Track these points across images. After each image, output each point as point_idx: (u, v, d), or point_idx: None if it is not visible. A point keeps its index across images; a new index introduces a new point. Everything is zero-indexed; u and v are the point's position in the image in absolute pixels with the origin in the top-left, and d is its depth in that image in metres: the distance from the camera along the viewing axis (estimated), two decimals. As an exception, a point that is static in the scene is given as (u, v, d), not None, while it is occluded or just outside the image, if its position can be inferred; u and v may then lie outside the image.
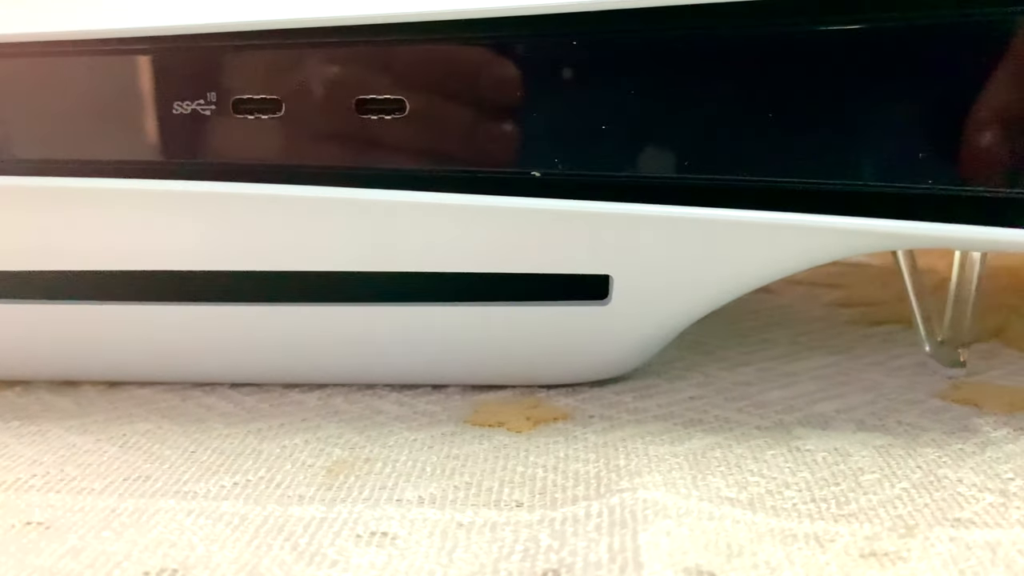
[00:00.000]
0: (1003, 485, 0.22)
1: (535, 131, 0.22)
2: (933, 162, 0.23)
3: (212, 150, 0.23)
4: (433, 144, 0.23)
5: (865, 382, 0.28)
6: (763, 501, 0.21)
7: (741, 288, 0.26)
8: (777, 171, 0.23)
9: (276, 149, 0.23)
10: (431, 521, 0.20)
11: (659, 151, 0.23)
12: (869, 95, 0.22)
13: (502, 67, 0.22)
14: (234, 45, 0.22)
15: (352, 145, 0.23)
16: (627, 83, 0.22)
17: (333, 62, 0.22)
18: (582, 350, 0.26)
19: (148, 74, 0.23)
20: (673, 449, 0.23)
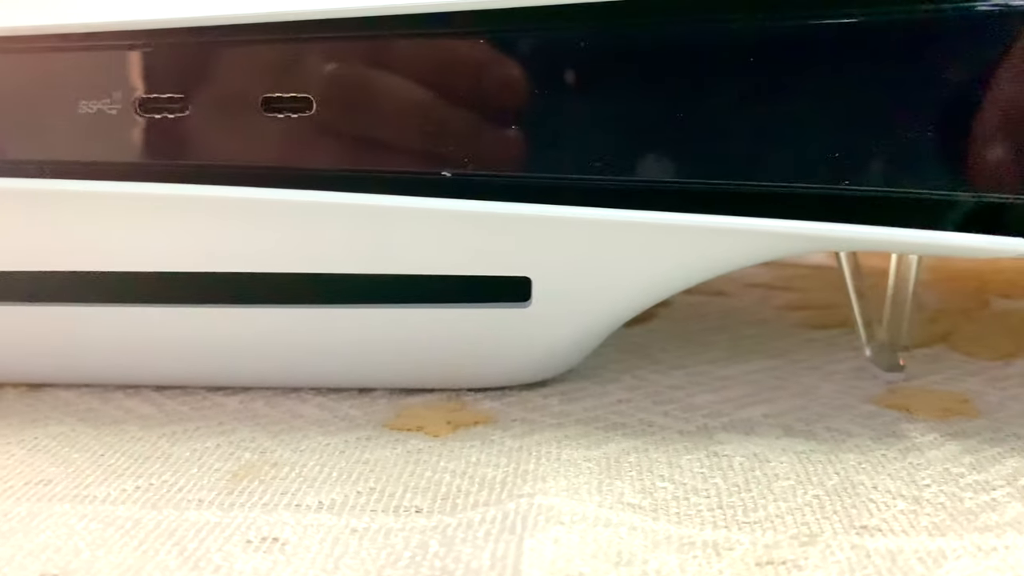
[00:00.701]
0: (918, 492, 0.21)
1: (443, 131, 0.22)
2: (859, 163, 0.22)
3: (118, 150, 0.23)
4: (341, 143, 0.23)
5: (799, 387, 0.28)
6: (668, 507, 0.20)
7: (666, 290, 0.25)
8: (698, 173, 0.23)
9: (183, 148, 0.23)
10: (325, 527, 0.20)
11: (573, 152, 0.22)
12: (791, 95, 0.22)
13: (407, 65, 0.22)
14: (139, 44, 0.22)
15: (259, 144, 0.22)
16: (535, 82, 0.22)
17: (239, 60, 0.22)
18: (507, 353, 0.26)
19: (56, 73, 0.23)
20: (588, 453, 0.23)
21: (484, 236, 0.23)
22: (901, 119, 0.22)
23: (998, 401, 0.27)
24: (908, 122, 0.22)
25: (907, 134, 0.22)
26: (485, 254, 0.23)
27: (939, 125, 0.22)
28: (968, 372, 0.29)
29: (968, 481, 0.22)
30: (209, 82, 0.22)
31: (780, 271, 0.40)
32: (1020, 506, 0.21)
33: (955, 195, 0.22)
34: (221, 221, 0.23)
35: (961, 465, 0.23)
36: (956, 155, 0.22)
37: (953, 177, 0.22)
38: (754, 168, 0.22)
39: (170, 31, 0.22)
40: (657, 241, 0.23)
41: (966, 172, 0.22)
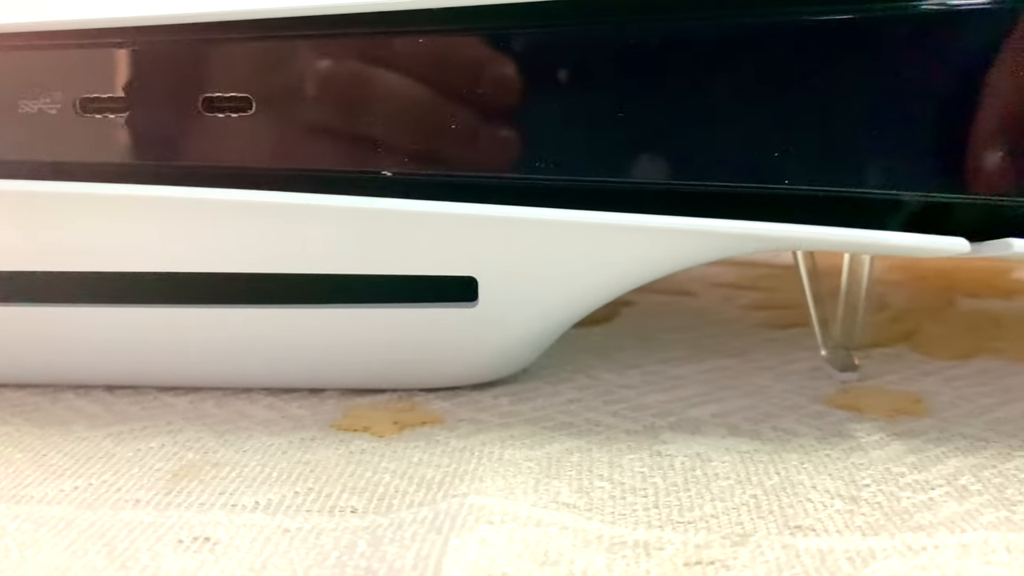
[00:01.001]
0: (856, 492, 0.21)
1: (381, 130, 0.22)
2: (802, 163, 0.22)
3: (61, 150, 0.23)
4: (282, 143, 0.23)
5: (751, 386, 0.28)
6: (603, 507, 0.20)
7: (614, 290, 0.25)
8: (641, 172, 0.23)
9: (125, 148, 0.23)
10: (257, 527, 0.20)
11: (514, 151, 0.22)
12: (733, 94, 0.22)
13: (344, 64, 0.22)
14: (79, 44, 0.22)
15: (201, 144, 0.23)
16: (474, 80, 0.22)
17: (179, 60, 0.22)
18: (456, 353, 0.26)
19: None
20: (530, 453, 0.23)
21: (427, 236, 0.23)
22: (842, 119, 0.22)
23: (950, 401, 0.27)
24: (849, 122, 0.22)
25: (848, 134, 0.22)
26: (429, 254, 0.23)
27: (880, 125, 0.22)
28: (924, 372, 0.29)
29: (908, 481, 0.22)
30: (150, 82, 0.22)
31: (747, 270, 0.40)
32: (956, 505, 0.21)
33: (898, 195, 0.22)
34: (166, 221, 0.23)
35: (903, 465, 0.23)
36: (898, 155, 0.22)
37: (896, 177, 0.22)
38: (698, 168, 0.22)
39: (111, 31, 0.22)
40: (603, 241, 0.23)
41: (909, 172, 0.22)
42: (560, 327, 0.26)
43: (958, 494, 0.21)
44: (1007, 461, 0.23)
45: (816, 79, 0.22)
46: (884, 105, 0.22)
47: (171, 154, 0.23)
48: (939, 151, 0.22)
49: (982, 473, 0.22)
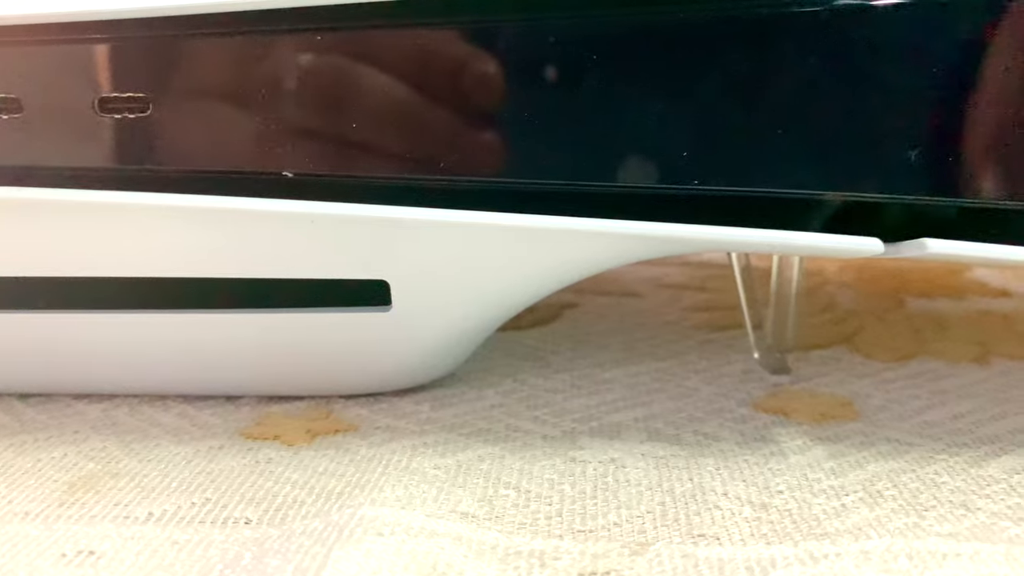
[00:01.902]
0: (768, 498, 0.21)
1: (280, 130, 0.22)
2: (711, 163, 0.22)
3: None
4: (180, 145, 0.22)
5: (680, 389, 0.27)
6: (504, 516, 0.20)
7: (533, 293, 0.25)
8: (553, 174, 0.22)
9: (18, 151, 0.22)
10: (146, 539, 0.19)
11: (420, 152, 0.22)
12: (641, 93, 0.22)
13: (241, 63, 0.21)
14: None
15: (95, 145, 0.22)
16: (373, 78, 0.21)
17: (73, 60, 0.22)
18: (373, 359, 0.25)
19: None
20: (440, 461, 0.23)
21: (332, 238, 0.23)
22: (753, 118, 0.22)
23: (881, 404, 0.26)
24: (761, 122, 0.22)
25: (759, 133, 0.21)
26: (335, 257, 0.23)
27: (792, 124, 0.22)
28: (860, 374, 0.29)
29: (823, 487, 0.22)
30: (41, 83, 0.22)
31: (697, 271, 0.40)
32: (867, 511, 0.20)
33: (812, 195, 0.22)
34: (74, 225, 0.23)
35: (821, 471, 0.22)
36: (812, 155, 0.22)
37: (811, 177, 0.22)
38: (608, 169, 0.22)
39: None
40: (516, 244, 0.23)
41: (824, 172, 0.22)
42: (482, 331, 0.26)
43: (872, 500, 0.21)
44: (927, 465, 0.23)
45: (724, 77, 0.21)
46: (796, 104, 0.21)
47: (66, 156, 0.22)
48: (854, 151, 0.22)
49: (900, 478, 0.22)
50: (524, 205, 0.22)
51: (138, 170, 0.22)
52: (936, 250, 0.21)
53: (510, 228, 0.22)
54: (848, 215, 0.24)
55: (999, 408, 0.26)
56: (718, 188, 0.22)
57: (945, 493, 0.21)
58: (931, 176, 0.22)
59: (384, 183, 0.22)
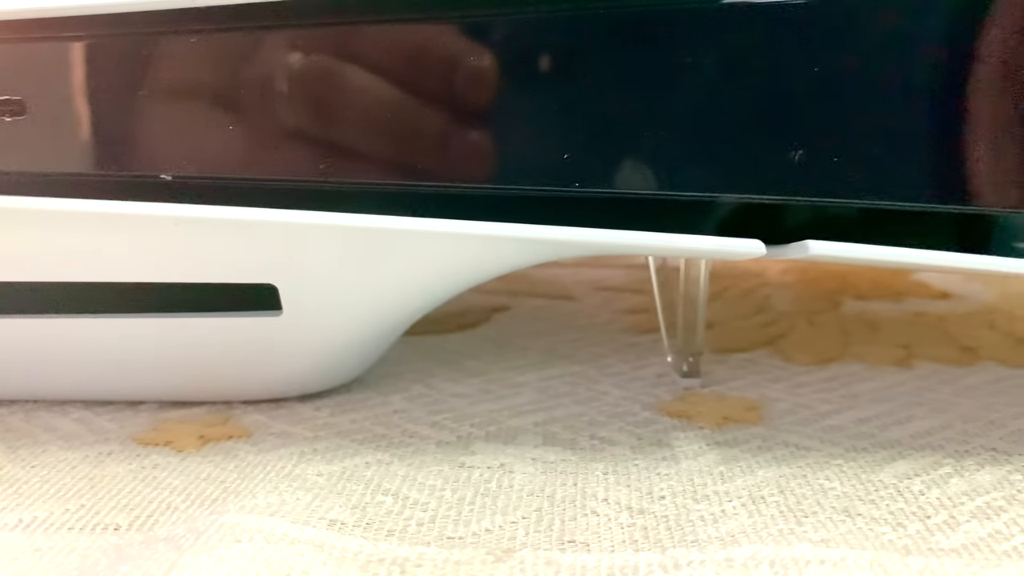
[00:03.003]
0: (648, 504, 0.21)
1: (157, 132, 0.22)
2: (589, 165, 0.22)
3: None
4: (60, 148, 0.22)
5: (589, 393, 0.27)
6: (375, 523, 0.20)
7: (431, 299, 0.25)
8: (438, 176, 0.22)
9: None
10: (9, 547, 0.19)
11: (304, 154, 0.22)
12: (523, 94, 0.22)
13: (118, 64, 0.21)
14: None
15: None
16: (251, 80, 0.21)
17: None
18: (268, 364, 0.25)
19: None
20: (325, 468, 0.23)
21: (213, 242, 0.23)
22: (631, 120, 0.21)
23: (788, 408, 0.26)
24: (638, 123, 0.21)
25: (638, 135, 0.21)
26: (220, 261, 0.23)
27: (674, 125, 0.22)
28: (775, 378, 0.29)
29: (707, 492, 0.22)
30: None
31: (636, 273, 0.40)
32: (745, 518, 0.20)
33: (698, 197, 0.22)
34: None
35: (710, 476, 0.22)
36: (698, 157, 0.22)
37: (696, 179, 0.22)
38: (496, 171, 0.22)
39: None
40: (405, 248, 0.23)
41: (710, 174, 0.22)
42: (384, 337, 0.26)
43: (753, 506, 0.21)
44: (819, 471, 0.23)
45: (603, 77, 0.21)
46: (678, 105, 0.21)
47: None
48: (740, 153, 0.22)
49: (788, 483, 0.22)
50: (412, 208, 0.22)
51: (20, 174, 0.22)
52: (818, 252, 0.21)
53: (397, 232, 0.22)
54: (749, 217, 0.24)
55: (907, 412, 0.26)
56: (599, 191, 0.22)
57: (830, 499, 0.21)
58: (820, 177, 0.22)
59: (268, 186, 0.22)
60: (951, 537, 0.20)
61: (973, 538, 0.20)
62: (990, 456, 0.23)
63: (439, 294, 0.25)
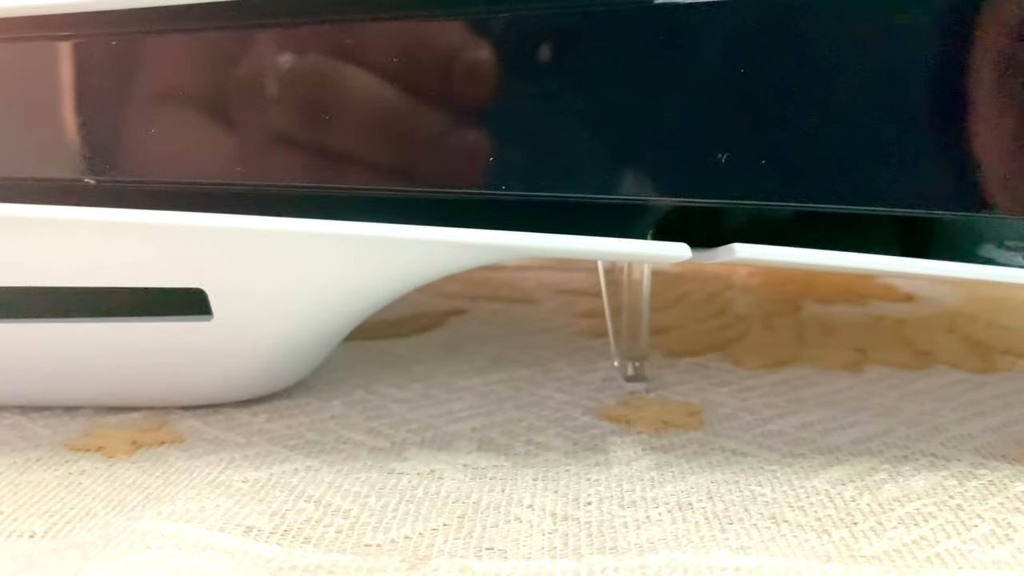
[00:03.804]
0: (574, 511, 0.21)
1: (79, 136, 0.22)
2: (519, 167, 0.22)
3: None
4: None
5: (533, 398, 0.27)
6: (292, 531, 0.20)
7: (367, 304, 0.25)
8: (364, 179, 0.22)
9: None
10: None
11: (218, 156, 0.22)
12: (444, 97, 0.22)
13: (34, 66, 0.21)
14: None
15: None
16: (166, 82, 0.21)
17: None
18: (201, 369, 0.25)
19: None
20: (252, 474, 0.23)
21: (138, 246, 0.23)
22: (556, 122, 0.21)
23: (731, 412, 0.26)
24: (561, 125, 0.21)
25: (559, 137, 0.21)
26: (145, 265, 0.23)
27: (596, 128, 0.21)
28: (722, 382, 0.29)
29: (635, 498, 0.21)
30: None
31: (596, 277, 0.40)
32: (670, 525, 0.20)
33: (613, 200, 0.22)
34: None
35: (640, 481, 0.22)
36: (620, 159, 0.22)
37: (616, 182, 0.22)
38: (423, 174, 0.22)
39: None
40: (335, 252, 0.23)
41: (631, 176, 0.22)
42: (322, 341, 0.26)
43: (680, 513, 0.21)
44: (753, 476, 0.22)
45: (526, 78, 0.21)
46: (603, 107, 0.21)
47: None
48: (662, 155, 0.22)
49: (718, 490, 0.22)
50: (341, 212, 0.22)
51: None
52: (743, 255, 0.21)
53: (327, 236, 0.22)
54: (689, 220, 0.24)
55: (852, 417, 0.26)
56: (526, 193, 0.22)
57: (758, 505, 0.21)
58: (747, 180, 0.22)
59: (192, 189, 0.22)
60: (875, 544, 0.20)
61: (897, 544, 0.20)
62: (928, 462, 0.23)
63: (375, 299, 0.25)
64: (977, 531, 0.20)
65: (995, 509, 0.21)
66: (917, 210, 0.22)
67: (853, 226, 0.23)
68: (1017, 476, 0.23)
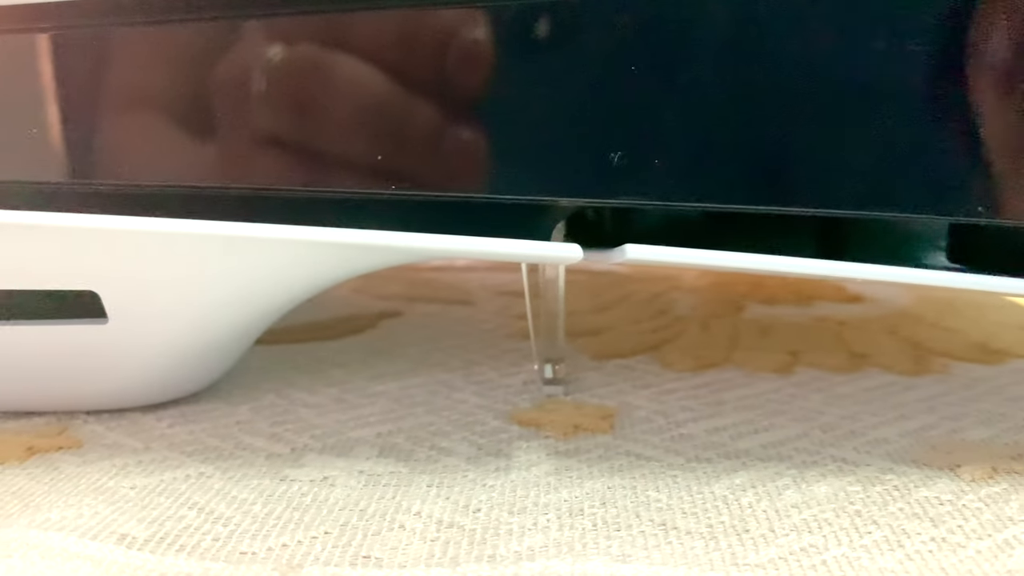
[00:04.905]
0: (461, 518, 0.21)
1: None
2: (405, 165, 0.22)
3: None
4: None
5: (448, 401, 0.27)
6: (168, 539, 0.20)
7: (271, 307, 0.25)
8: (255, 178, 0.22)
9: None
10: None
11: (102, 154, 0.22)
12: (327, 95, 0.21)
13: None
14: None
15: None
16: (65, 79, 0.21)
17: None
18: (101, 373, 0.25)
19: None
20: (142, 481, 0.23)
21: (29, 248, 0.22)
22: (449, 120, 0.21)
23: (645, 416, 0.26)
24: (454, 124, 0.21)
25: (450, 135, 0.21)
26: (36, 267, 0.23)
27: (489, 127, 0.21)
28: (645, 384, 0.28)
29: (527, 504, 0.21)
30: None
31: (540, 277, 0.40)
32: (556, 532, 0.20)
33: (508, 200, 0.22)
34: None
35: (537, 487, 0.22)
36: (513, 159, 0.22)
37: (509, 181, 0.22)
38: (312, 174, 0.22)
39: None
40: (232, 254, 0.23)
41: (524, 176, 0.22)
42: (228, 344, 0.26)
43: (569, 519, 0.21)
44: (652, 482, 0.22)
45: (419, 75, 0.21)
46: (494, 106, 0.21)
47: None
48: (556, 155, 0.21)
49: (613, 495, 0.22)
50: (236, 213, 0.22)
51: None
52: (634, 256, 0.21)
53: (215, 237, 0.22)
54: (599, 221, 0.24)
55: (768, 421, 0.26)
56: (417, 192, 0.22)
57: (651, 512, 0.21)
58: (640, 180, 0.21)
59: (84, 190, 0.22)
60: (762, 552, 0.19)
61: (784, 552, 0.19)
62: (836, 467, 0.23)
63: (278, 301, 0.25)
64: (870, 538, 0.20)
65: (893, 515, 0.21)
66: (826, 210, 0.22)
67: (777, 227, 0.23)
68: (923, 481, 0.22)
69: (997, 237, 0.24)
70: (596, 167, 0.21)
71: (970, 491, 0.22)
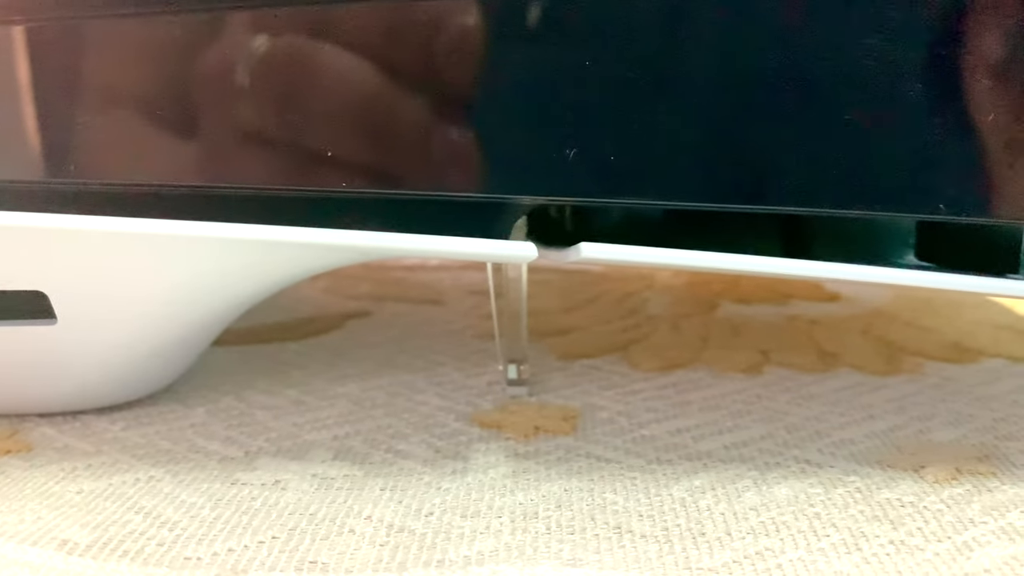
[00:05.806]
0: (413, 522, 0.21)
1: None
2: (355, 163, 0.22)
3: None
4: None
5: (409, 403, 0.27)
6: (111, 545, 0.20)
7: (226, 308, 0.25)
8: (205, 176, 0.22)
9: None
10: None
11: (51, 153, 0.22)
12: (273, 92, 0.21)
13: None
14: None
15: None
16: (34, 75, 0.21)
17: None
18: (51, 375, 0.25)
19: None
20: (89, 485, 0.22)
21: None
22: (400, 115, 0.21)
23: (608, 417, 0.26)
24: (405, 119, 0.21)
25: (403, 131, 0.21)
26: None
27: (443, 123, 0.21)
28: (610, 385, 0.28)
29: (480, 508, 0.21)
30: None
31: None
32: (508, 536, 0.20)
33: (459, 197, 0.22)
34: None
35: (491, 490, 0.22)
36: (467, 155, 0.21)
37: (463, 178, 0.21)
38: (261, 172, 0.22)
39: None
40: (185, 254, 0.23)
41: (478, 173, 0.21)
42: (182, 346, 0.26)
43: (523, 522, 0.21)
44: (610, 484, 0.22)
45: (366, 70, 0.21)
46: (449, 102, 0.21)
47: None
48: (508, 151, 0.21)
49: (569, 498, 0.22)
50: (190, 211, 0.22)
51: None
52: (589, 254, 0.21)
53: (163, 237, 0.22)
54: (560, 219, 0.24)
55: (733, 422, 0.26)
56: (369, 191, 0.21)
57: (607, 515, 0.21)
58: (595, 177, 0.21)
59: (27, 188, 0.22)
60: (716, 555, 0.19)
61: (739, 555, 0.19)
62: (799, 468, 0.23)
63: (231, 302, 0.25)
64: (828, 540, 0.20)
65: (853, 518, 0.21)
66: (787, 208, 0.22)
67: (743, 225, 0.23)
68: (886, 483, 0.22)
69: (969, 235, 0.24)
70: (554, 164, 0.21)
71: (932, 493, 0.22)
